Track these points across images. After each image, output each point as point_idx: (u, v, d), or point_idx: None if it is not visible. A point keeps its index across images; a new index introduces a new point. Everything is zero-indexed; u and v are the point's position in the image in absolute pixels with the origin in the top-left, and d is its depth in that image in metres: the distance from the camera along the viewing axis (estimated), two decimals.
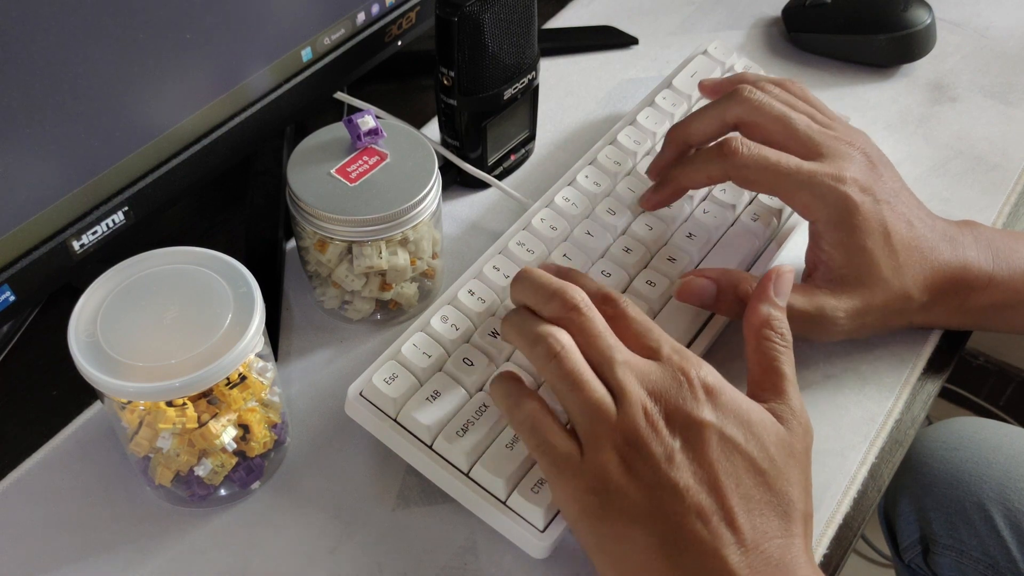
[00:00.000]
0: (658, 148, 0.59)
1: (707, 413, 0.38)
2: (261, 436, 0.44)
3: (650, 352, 0.41)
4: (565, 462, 0.39)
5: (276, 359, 0.52)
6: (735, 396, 0.40)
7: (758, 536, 0.37)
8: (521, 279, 0.43)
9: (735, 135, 0.49)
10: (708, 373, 0.40)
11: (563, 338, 0.40)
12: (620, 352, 0.40)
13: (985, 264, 0.49)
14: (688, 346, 0.49)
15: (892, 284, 0.48)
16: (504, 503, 0.43)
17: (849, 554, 0.46)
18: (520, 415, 0.40)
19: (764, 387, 0.42)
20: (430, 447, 0.44)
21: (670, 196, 0.53)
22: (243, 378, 0.42)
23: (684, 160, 0.52)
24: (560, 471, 0.39)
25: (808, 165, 0.48)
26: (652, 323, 0.42)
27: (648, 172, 0.55)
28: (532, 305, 0.42)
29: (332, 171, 0.48)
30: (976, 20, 0.76)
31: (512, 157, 0.62)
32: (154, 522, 0.45)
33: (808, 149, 0.49)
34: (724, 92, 0.55)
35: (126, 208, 0.46)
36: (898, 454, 0.49)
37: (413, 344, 0.47)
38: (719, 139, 0.49)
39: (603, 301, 0.42)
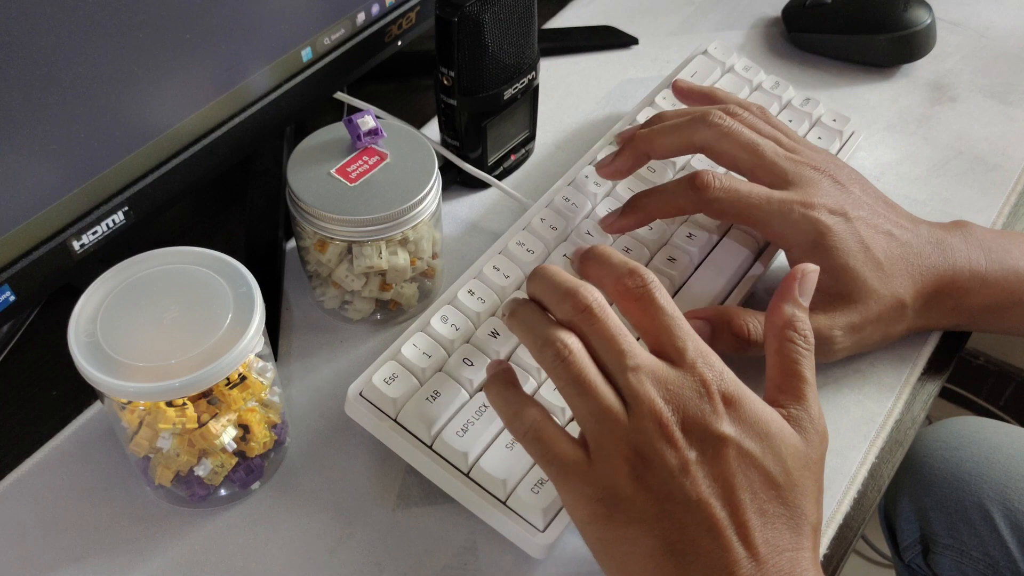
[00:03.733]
0: None
1: (726, 426, 0.37)
2: (261, 436, 0.44)
3: (674, 353, 0.39)
4: (572, 470, 0.38)
5: (276, 359, 0.52)
6: (755, 407, 0.39)
7: (770, 550, 0.36)
8: (538, 275, 0.42)
9: (706, 169, 0.49)
10: (729, 382, 0.39)
11: (571, 342, 0.39)
12: (633, 357, 0.38)
13: (977, 265, 0.49)
14: None
15: (882, 294, 0.48)
16: (504, 503, 0.43)
17: (849, 554, 0.46)
18: (521, 426, 0.39)
19: (784, 390, 0.41)
20: (430, 447, 0.44)
21: (636, 223, 0.52)
22: (243, 378, 0.42)
23: (653, 190, 0.51)
24: (567, 479, 0.38)
25: (778, 194, 0.48)
26: (680, 317, 0.40)
27: (597, 168, 0.54)
28: (546, 303, 0.41)
29: (332, 171, 0.48)
30: (976, 20, 0.76)
31: (512, 157, 0.62)
32: (154, 522, 0.45)
33: (775, 176, 0.49)
34: (697, 100, 0.56)
35: (126, 208, 0.46)
36: (898, 454, 0.49)
37: (413, 344, 0.47)
38: (689, 174, 0.49)
39: (628, 275, 0.41)
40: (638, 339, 0.41)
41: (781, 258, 0.56)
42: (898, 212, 0.51)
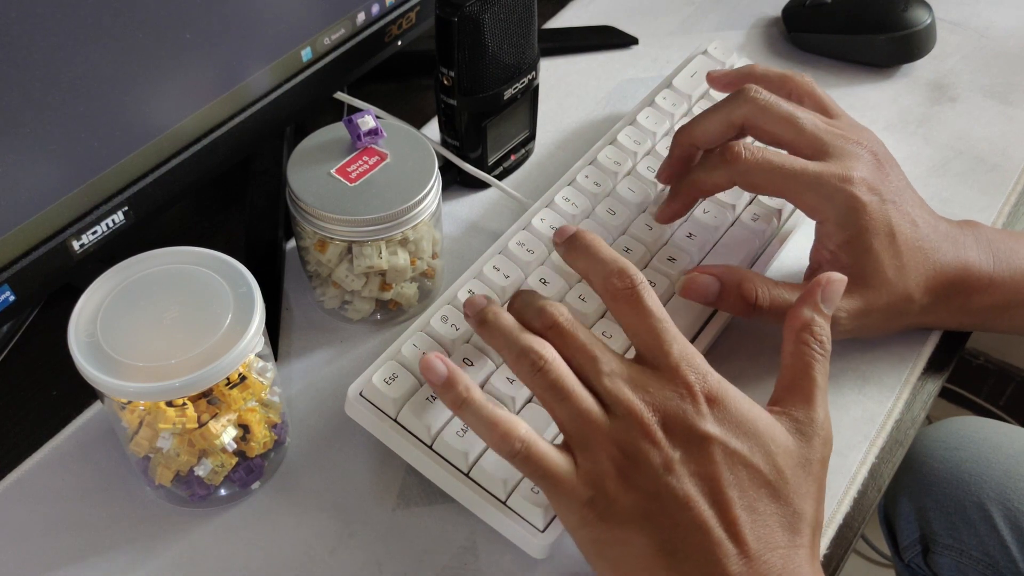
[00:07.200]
0: (659, 148, 0.59)
1: (710, 426, 0.38)
2: (261, 436, 0.44)
3: (659, 354, 0.39)
4: (563, 480, 0.38)
5: (276, 359, 0.52)
6: (741, 406, 0.39)
7: (761, 547, 0.36)
8: (518, 294, 0.43)
9: (737, 141, 0.49)
10: (713, 382, 0.39)
11: (546, 351, 0.39)
12: (608, 363, 0.39)
13: (986, 265, 0.49)
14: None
15: (895, 286, 0.48)
16: (504, 503, 0.43)
17: (849, 554, 0.46)
18: (511, 448, 0.39)
19: (793, 392, 0.41)
20: (430, 447, 0.44)
21: (683, 207, 0.52)
22: (243, 378, 0.42)
23: (690, 170, 0.51)
24: (558, 490, 0.38)
25: (814, 166, 0.47)
26: (667, 319, 0.40)
27: (657, 176, 0.55)
28: (520, 317, 0.42)
29: (332, 171, 0.48)
30: (976, 20, 0.76)
31: (512, 157, 0.62)
32: (154, 522, 0.45)
33: (815, 149, 0.48)
34: (733, 84, 0.54)
35: (126, 208, 0.46)
36: (898, 454, 0.49)
37: (413, 344, 0.47)
38: (722, 144, 0.49)
39: (617, 275, 0.41)
40: (627, 351, 0.42)
41: (781, 258, 0.56)
42: (922, 203, 0.50)
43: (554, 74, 0.70)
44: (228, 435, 0.43)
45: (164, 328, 0.40)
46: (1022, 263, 0.50)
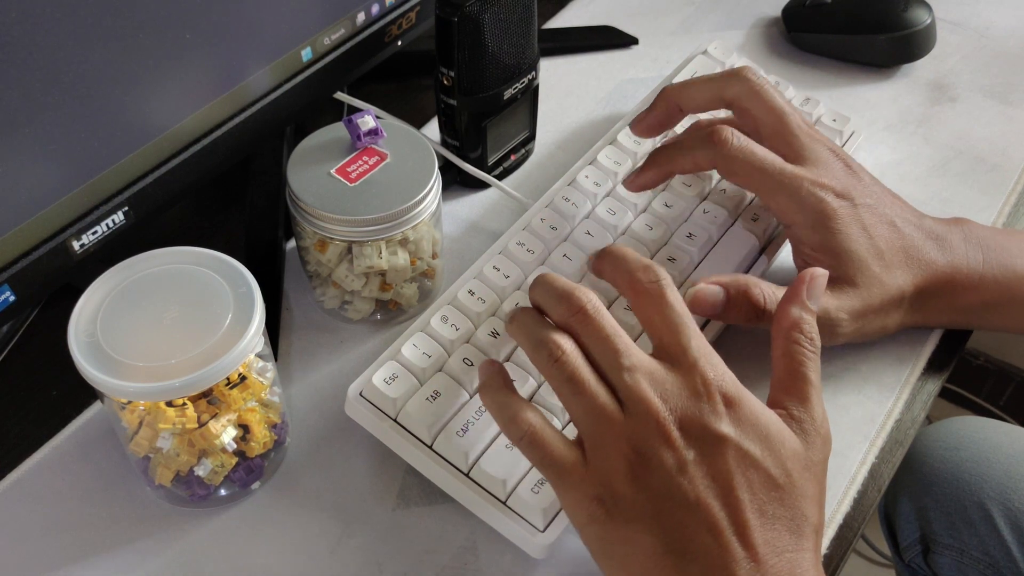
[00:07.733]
0: None
1: (726, 427, 0.37)
2: (261, 436, 0.44)
3: (677, 350, 0.39)
4: (569, 471, 0.38)
5: (276, 359, 0.52)
6: (754, 408, 0.38)
7: (769, 551, 0.36)
8: (538, 282, 0.42)
9: (726, 126, 0.49)
10: (730, 383, 0.39)
11: (564, 342, 0.39)
12: (629, 357, 0.38)
13: (975, 263, 0.49)
14: None
15: (885, 282, 0.48)
16: (504, 503, 0.43)
17: (849, 554, 0.46)
18: (517, 430, 0.39)
19: (788, 392, 0.41)
20: (430, 447, 0.44)
21: (655, 179, 0.53)
22: (243, 378, 0.42)
23: (671, 143, 0.52)
24: (565, 481, 0.38)
25: (791, 168, 0.48)
26: (687, 317, 0.40)
27: (631, 126, 0.55)
28: (543, 307, 0.41)
29: (332, 171, 0.48)
30: (976, 20, 0.76)
31: (512, 157, 0.62)
32: (154, 522, 0.45)
33: (791, 148, 0.49)
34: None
35: (126, 208, 0.46)
36: (898, 454, 0.49)
37: (413, 344, 0.47)
38: (709, 127, 0.49)
39: (643, 270, 0.41)
40: (636, 340, 0.41)
41: (781, 259, 0.56)
42: (902, 205, 0.51)
43: (554, 74, 0.70)
44: (228, 435, 0.43)
45: (164, 328, 0.40)
46: (1012, 261, 0.50)
